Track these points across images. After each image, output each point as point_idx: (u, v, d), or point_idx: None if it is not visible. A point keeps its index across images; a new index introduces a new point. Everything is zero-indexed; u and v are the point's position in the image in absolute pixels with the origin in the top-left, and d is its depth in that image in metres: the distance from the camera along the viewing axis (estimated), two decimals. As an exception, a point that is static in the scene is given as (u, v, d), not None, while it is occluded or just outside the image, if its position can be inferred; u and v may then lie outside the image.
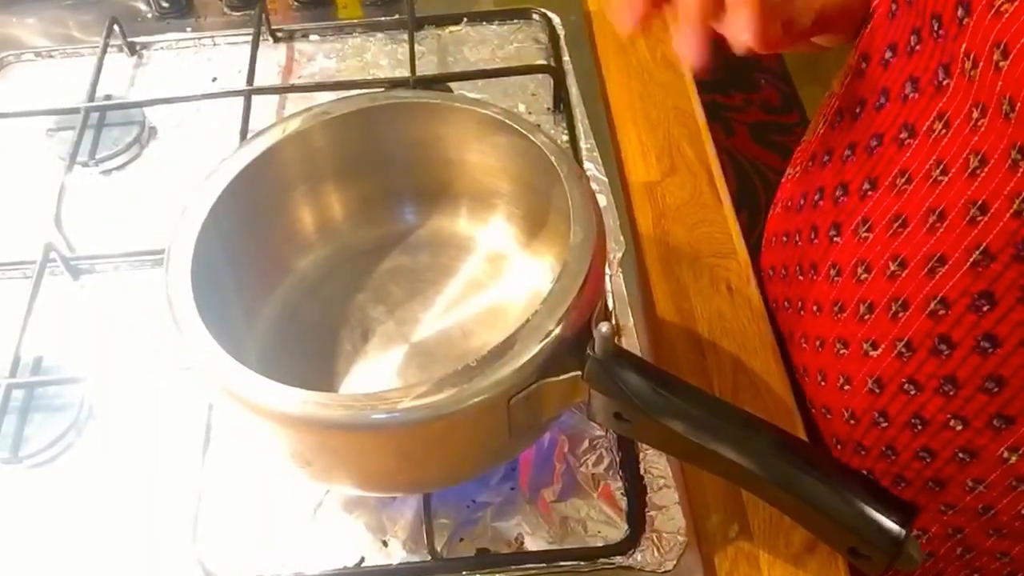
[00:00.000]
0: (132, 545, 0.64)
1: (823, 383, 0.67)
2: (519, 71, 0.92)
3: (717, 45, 0.53)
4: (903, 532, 0.50)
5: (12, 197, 0.85)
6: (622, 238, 0.78)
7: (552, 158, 0.62)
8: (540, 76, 0.92)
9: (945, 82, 0.52)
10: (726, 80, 2.50)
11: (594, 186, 0.76)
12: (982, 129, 0.49)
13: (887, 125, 0.58)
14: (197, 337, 0.55)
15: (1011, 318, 0.52)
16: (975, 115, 0.50)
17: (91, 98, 0.88)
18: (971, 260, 0.52)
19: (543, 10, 0.97)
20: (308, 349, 0.68)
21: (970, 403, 0.56)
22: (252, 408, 0.53)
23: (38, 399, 0.70)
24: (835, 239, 0.64)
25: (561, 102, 0.88)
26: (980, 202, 0.50)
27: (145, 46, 0.97)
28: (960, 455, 0.59)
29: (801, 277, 0.69)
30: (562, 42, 0.94)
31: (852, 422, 0.66)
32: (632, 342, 0.72)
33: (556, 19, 0.97)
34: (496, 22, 0.98)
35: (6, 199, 0.85)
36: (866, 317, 0.61)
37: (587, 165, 0.83)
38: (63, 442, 0.68)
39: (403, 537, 0.63)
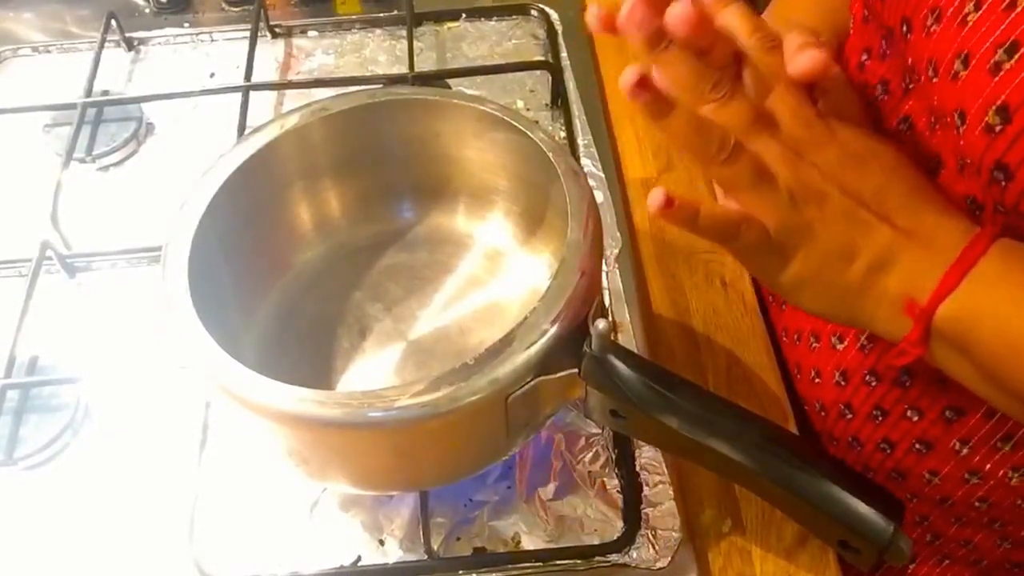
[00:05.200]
0: (128, 546, 0.64)
1: (799, 375, 0.69)
2: (517, 67, 0.92)
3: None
4: (891, 525, 0.51)
5: (8, 194, 0.84)
6: (618, 234, 0.78)
7: (550, 155, 0.62)
8: (538, 72, 0.92)
9: (911, 84, 0.54)
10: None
11: (591, 182, 0.76)
12: (938, 132, 0.52)
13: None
14: (194, 335, 0.55)
15: None
16: (932, 119, 0.52)
17: (88, 94, 0.88)
18: None
19: (541, 6, 0.97)
20: (305, 346, 0.68)
21: (924, 395, 0.59)
22: (249, 406, 0.53)
23: (34, 399, 0.70)
24: None
25: (559, 98, 0.88)
26: None
27: (143, 41, 0.97)
28: (917, 446, 0.61)
29: None
30: (560, 38, 0.94)
31: (823, 414, 0.67)
32: (628, 338, 0.72)
33: (554, 15, 0.97)
34: (494, 18, 0.98)
35: (2, 196, 0.84)
36: None
37: (584, 161, 0.83)
38: (59, 443, 0.68)
39: (400, 536, 0.63)
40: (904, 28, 0.51)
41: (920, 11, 0.49)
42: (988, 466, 0.59)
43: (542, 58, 0.93)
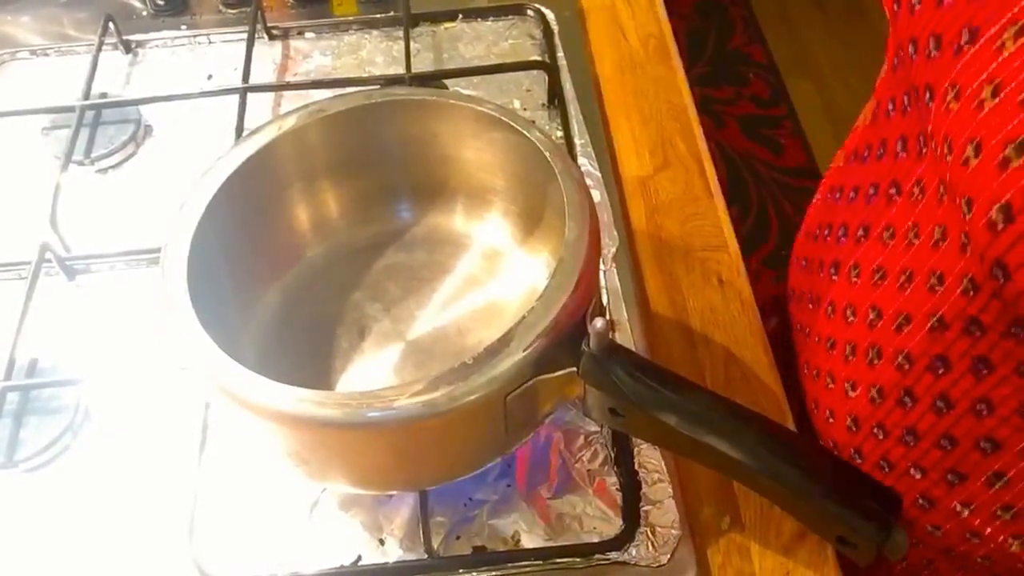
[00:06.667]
0: (128, 546, 0.64)
1: (816, 411, 0.69)
2: (514, 67, 0.92)
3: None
4: (889, 520, 0.51)
5: (7, 196, 0.84)
6: (616, 233, 0.78)
7: (547, 154, 0.62)
8: (535, 72, 0.92)
9: (924, 150, 0.53)
10: (716, 74, 2.51)
11: (588, 182, 0.76)
12: (945, 204, 0.51)
13: (881, 176, 0.59)
14: (193, 336, 0.55)
15: (962, 384, 0.53)
16: (941, 192, 0.51)
17: (86, 96, 0.88)
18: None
19: (537, 6, 0.97)
20: (304, 347, 0.68)
21: (927, 455, 0.58)
22: (248, 406, 0.53)
23: (33, 402, 0.70)
24: (861, 240, 0.65)
25: (556, 98, 0.89)
26: (939, 273, 0.51)
27: (140, 44, 0.97)
28: (920, 502, 0.61)
29: (821, 274, 0.69)
30: (556, 38, 0.94)
31: (836, 452, 0.67)
32: (626, 337, 0.72)
33: (550, 15, 0.97)
34: (491, 18, 0.98)
35: (1, 198, 0.85)
36: (876, 324, 0.61)
37: (581, 161, 0.83)
38: (59, 445, 0.68)
39: (400, 535, 0.63)
40: (927, 95, 0.49)
41: (942, 83, 0.47)
42: (988, 530, 0.58)
43: (538, 58, 0.94)
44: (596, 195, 0.79)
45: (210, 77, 0.94)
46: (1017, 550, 0.58)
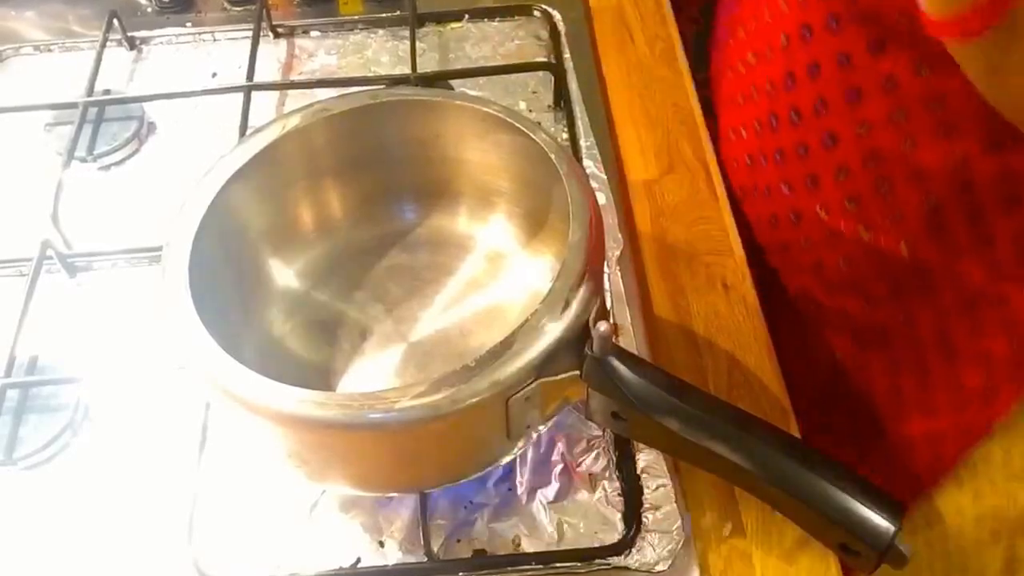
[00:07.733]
0: (127, 546, 0.64)
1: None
2: (520, 68, 0.92)
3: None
4: (892, 529, 0.51)
5: (9, 193, 0.84)
6: (620, 236, 0.78)
7: (552, 156, 0.62)
8: (541, 73, 0.91)
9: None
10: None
11: (593, 184, 0.76)
12: None
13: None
14: (194, 335, 0.55)
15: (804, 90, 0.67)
16: None
17: (90, 93, 0.88)
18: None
19: (544, 7, 0.97)
20: (306, 347, 0.68)
21: (790, 166, 0.71)
22: (249, 407, 0.53)
23: (33, 399, 0.70)
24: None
25: (561, 99, 0.88)
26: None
27: (144, 41, 0.97)
28: (792, 216, 0.73)
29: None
30: (563, 39, 0.94)
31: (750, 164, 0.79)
32: (629, 340, 0.71)
33: (557, 16, 0.96)
34: (497, 19, 0.98)
35: (2, 195, 0.84)
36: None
37: (587, 163, 0.83)
38: (59, 443, 0.68)
39: (399, 538, 0.63)
40: None
41: None
42: (842, 225, 0.67)
43: (545, 59, 0.93)
44: (601, 198, 0.79)
45: (214, 75, 0.93)
46: (868, 238, 0.67)
